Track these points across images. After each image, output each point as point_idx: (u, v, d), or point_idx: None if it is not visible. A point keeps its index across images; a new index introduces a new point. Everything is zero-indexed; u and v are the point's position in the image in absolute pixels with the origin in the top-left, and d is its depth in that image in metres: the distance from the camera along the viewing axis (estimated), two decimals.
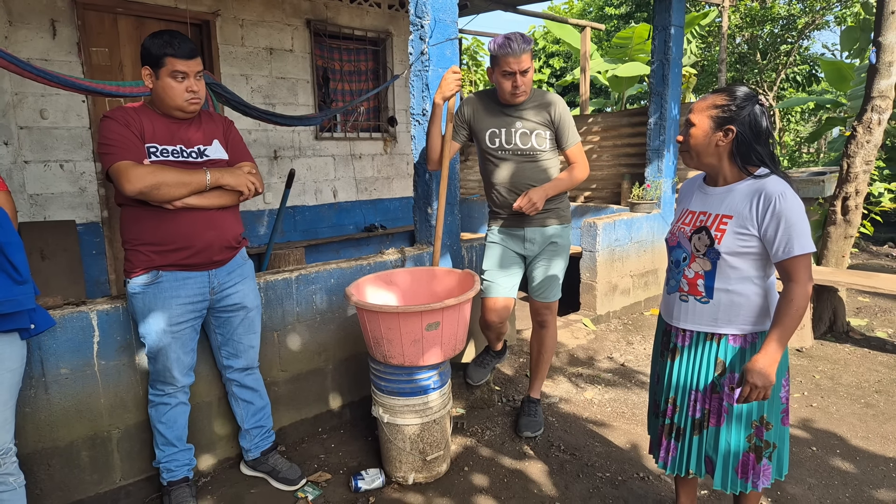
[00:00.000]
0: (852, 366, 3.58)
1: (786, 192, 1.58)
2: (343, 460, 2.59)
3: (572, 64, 14.96)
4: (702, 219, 1.73)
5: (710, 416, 1.73)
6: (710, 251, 1.67)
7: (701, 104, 1.67)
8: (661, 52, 4.71)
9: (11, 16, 3.88)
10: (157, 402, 2.17)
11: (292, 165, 5.40)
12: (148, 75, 2.01)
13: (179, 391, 2.18)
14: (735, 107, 1.62)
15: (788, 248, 1.56)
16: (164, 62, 1.97)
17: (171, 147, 2.04)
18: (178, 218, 2.02)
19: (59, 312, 2.04)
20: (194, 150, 2.09)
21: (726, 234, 1.64)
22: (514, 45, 2.37)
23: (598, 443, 2.72)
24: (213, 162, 2.12)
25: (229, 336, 2.26)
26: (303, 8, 5.32)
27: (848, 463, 2.52)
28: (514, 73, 2.41)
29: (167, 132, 2.05)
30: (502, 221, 2.70)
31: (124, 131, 1.95)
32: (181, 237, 2.03)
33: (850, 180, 3.92)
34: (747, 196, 1.63)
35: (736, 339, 1.69)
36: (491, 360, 3.02)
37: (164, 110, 2.05)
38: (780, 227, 1.56)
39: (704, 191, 1.78)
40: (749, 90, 1.64)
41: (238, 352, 2.29)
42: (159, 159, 2.00)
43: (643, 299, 4.82)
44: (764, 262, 1.66)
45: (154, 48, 1.97)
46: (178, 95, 2.01)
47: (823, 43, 34.10)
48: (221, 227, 2.12)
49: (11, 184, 3.99)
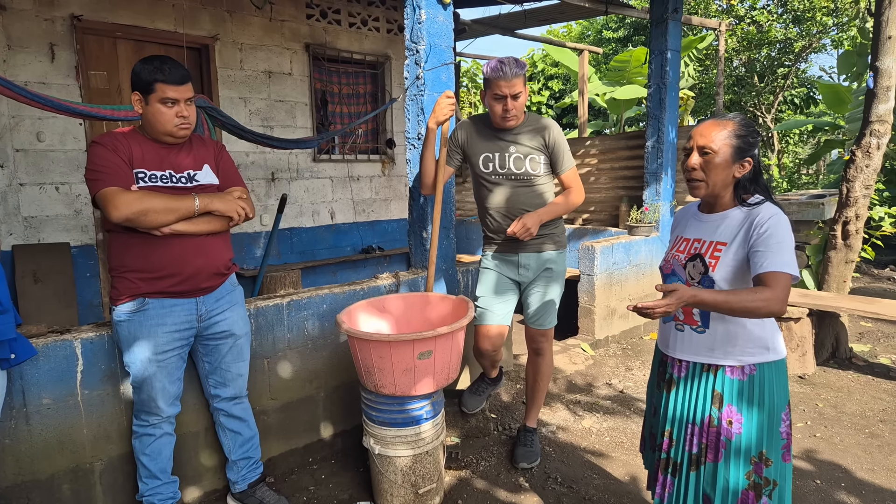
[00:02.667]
0: (856, 394, 3.51)
1: (777, 214, 1.57)
2: (333, 492, 2.51)
3: (571, 86, 15.09)
4: (696, 246, 1.70)
5: (708, 450, 1.67)
6: (705, 279, 1.64)
7: (718, 131, 1.61)
8: (658, 77, 4.73)
9: (10, 40, 3.91)
10: (141, 433, 2.10)
11: (290, 187, 5.39)
12: (138, 101, 1.99)
13: (164, 421, 2.12)
14: (752, 139, 1.60)
15: (767, 263, 1.51)
16: (153, 88, 1.95)
17: (159, 172, 2.01)
18: (167, 244, 1.98)
19: (42, 341, 1.99)
20: (184, 175, 2.06)
21: (720, 261, 1.61)
22: (505, 69, 2.36)
23: (597, 475, 2.64)
24: (203, 187, 2.09)
25: (217, 364, 2.21)
26: (302, 32, 5.36)
27: (853, 497, 2.44)
28: (504, 96, 2.40)
29: (156, 157, 2.02)
30: (496, 247, 2.67)
31: (112, 157, 1.92)
32: (169, 264, 1.99)
33: (849, 205, 3.89)
34: (741, 223, 1.61)
35: (734, 371, 1.64)
36: (487, 388, 2.96)
37: (154, 136, 2.03)
38: (765, 245, 1.53)
39: (699, 218, 1.75)
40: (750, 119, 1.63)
41: (226, 380, 2.24)
42: (147, 185, 1.97)
43: (642, 324, 4.77)
44: None
45: (144, 74, 1.95)
46: (167, 121, 1.99)
47: (821, 66, 34.47)
48: (210, 254, 2.08)
49: (6, 206, 3.97)
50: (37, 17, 3.99)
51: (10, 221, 4.01)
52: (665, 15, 4.60)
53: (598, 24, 15.95)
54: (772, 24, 12.00)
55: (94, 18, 4.19)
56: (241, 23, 4.97)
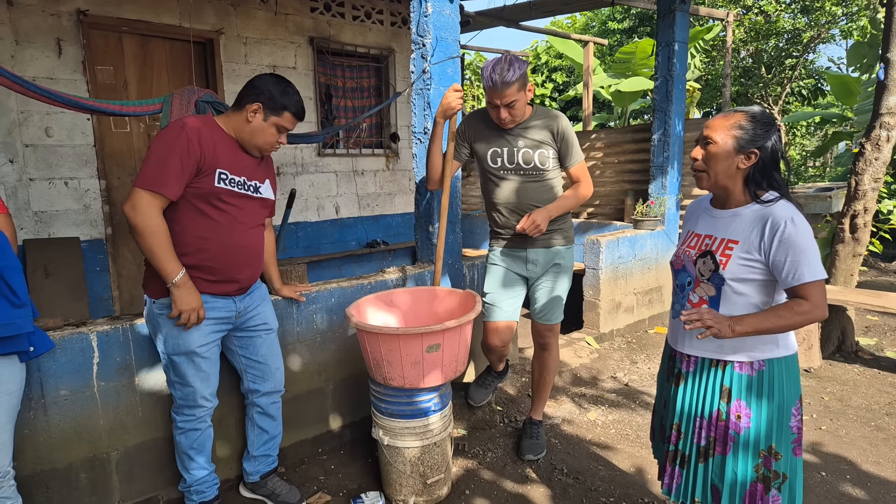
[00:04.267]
0: (862, 387, 3.52)
1: (794, 217, 1.54)
2: (343, 482, 2.55)
3: (575, 78, 15.02)
4: (707, 242, 1.69)
5: (716, 443, 1.69)
6: (715, 276, 1.64)
7: (722, 122, 1.62)
8: (665, 69, 4.71)
9: (18, 35, 3.93)
10: (187, 428, 2.13)
11: (295, 182, 5.41)
12: (255, 111, 2.00)
13: (207, 414, 2.15)
14: (760, 130, 1.58)
15: (798, 275, 1.52)
16: (282, 114, 2.01)
17: (238, 178, 2.03)
18: (221, 250, 2.02)
19: (59, 334, 2.03)
20: (252, 184, 2.10)
21: (731, 259, 1.61)
22: (496, 79, 2.29)
23: (602, 466, 2.67)
24: (264, 200, 2.16)
25: (255, 358, 2.26)
26: (306, 26, 5.36)
27: (859, 489, 2.46)
28: (497, 106, 2.39)
29: (236, 161, 2.04)
30: (504, 242, 2.68)
31: (184, 157, 1.88)
32: (220, 269, 2.04)
33: (858, 198, 3.88)
34: (754, 221, 1.60)
35: (742, 367, 1.65)
36: (493, 381, 2.99)
37: (243, 143, 2.05)
38: (789, 253, 1.52)
39: (711, 213, 1.74)
40: (768, 113, 1.61)
41: (265, 374, 2.29)
42: (226, 188, 1.99)
43: (647, 317, 4.78)
44: (770, 288, 1.62)
45: (280, 97, 2.00)
46: (269, 143, 2.05)
47: (829, 56, 34.12)
48: (257, 264, 2.18)
49: (16, 201, 4.01)
50: (43, 12, 4.01)
51: (20, 216, 4.05)
52: (672, 6, 4.57)
53: (603, 15, 15.84)
54: (780, 14, 11.89)
55: (100, 13, 4.21)
56: (245, 17, 4.97)
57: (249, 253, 2.11)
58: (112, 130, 4.48)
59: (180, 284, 1.92)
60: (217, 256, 2.01)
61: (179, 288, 1.92)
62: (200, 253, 1.99)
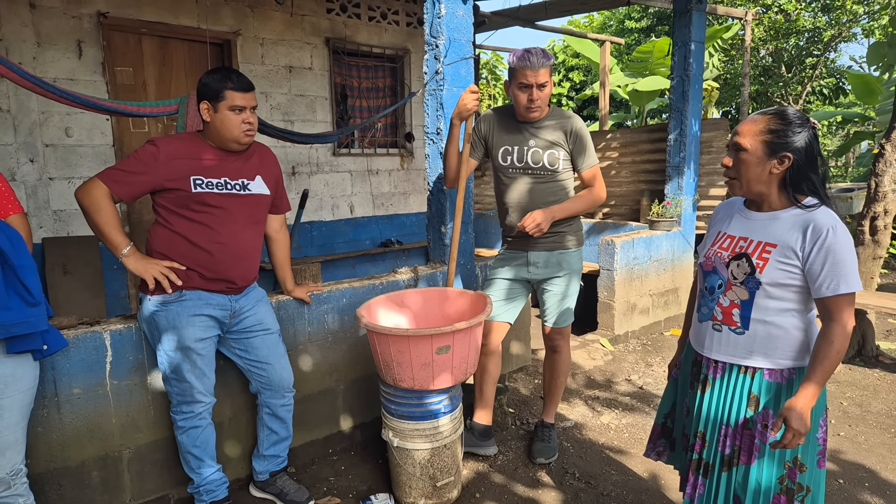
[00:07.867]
0: (882, 392, 3.44)
1: (836, 226, 1.49)
2: (353, 484, 2.55)
3: (592, 78, 14.90)
4: (742, 245, 1.63)
5: (741, 453, 1.64)
6: (750, 280, 1.58)
7: (752, 127, 1.56)
8: (682, 69, 4.65)
9: (40, 37, 4.00)
10: (187, 426, 2.15)
11: (310, 181, 5.44)
12: (206, 109, 2.07)
13: (206, 410, 2.17)
14: (791, 132, 1.52)
15: (834, 286, 1.48)
16: (223, 95, 2.04)
17: (215, 180, 2.09)
18: (213, 248, 2.08)
19: (72, 332, 2.05)
20: (238, 182, 2.14)
21: (769, 263, 1.55)
22: (532, 59, 2.35)
23: (615, 471, 2.64)
24: (254, 196, 2.19)
25: (255, 358, 2.26)
26: (322, 26, 5.39)
27: (877, 497, 2.40)
28: (530, 85, 2.37)
29: (214, 165, 2.10)
30: (509, 243, 2.66)
31: (142, 166, 2.01)
32: (212, 266, 2.08)
33: (878, 199, 3.80)
34: (794, 226, 1.54)
35: (772, 374, 1.60)
36: (478, 441, 2.74)
37: (219, 143, 2.11)
38: (828, 262, 1.48)
39: (745, 215, 1.67)
40: (801, 113, 1.55)
41: (269, 376, 2.29)
42: (206, 191, 2.06)
43: (663, 319, 4.72)
44: (806, 294, 1.57)
45: (213, 83, 2.05)
46: (235, 127, 2.07)
47: (851, 55, 33.46)
48: (251, 264, 2.20)
49: (36, 200, 4.08)
50: (65, 14, 4.07)
51: (39, 215, 4.12)
52: (689, 5, 4.51)
53: (620, 15, 15.70)
54: (800, 12, 11.67)
55: (120, 15, 4.26)
56: (262, 18, 5.01)
57: (241, 252, 2.14)
58: (131, 131, 4.53)
59: (129, 255, 2.02)
60: (208, 256, 2.07)
61: (129, 258, 2.02)
62: (193, 253, 2.06)
